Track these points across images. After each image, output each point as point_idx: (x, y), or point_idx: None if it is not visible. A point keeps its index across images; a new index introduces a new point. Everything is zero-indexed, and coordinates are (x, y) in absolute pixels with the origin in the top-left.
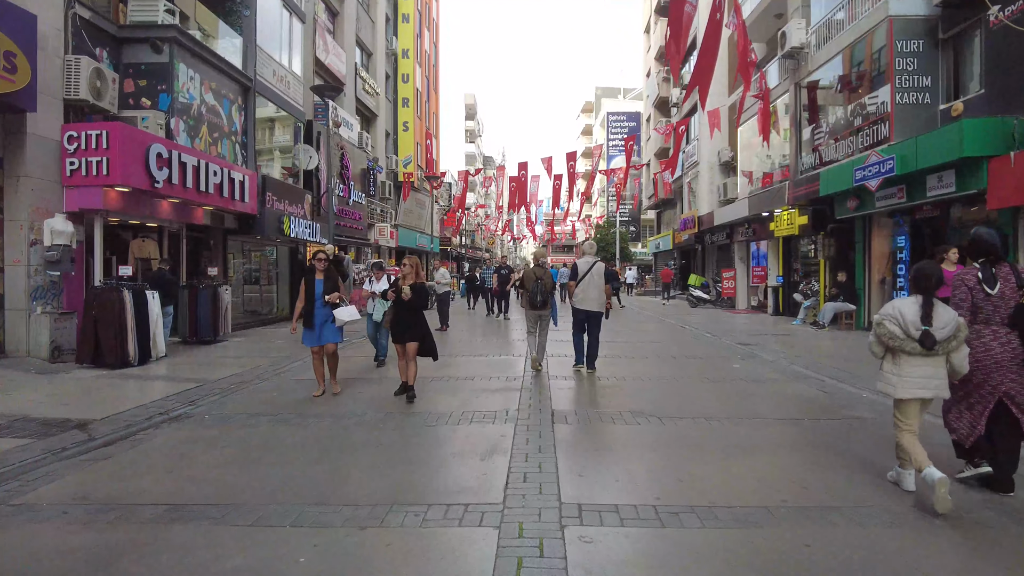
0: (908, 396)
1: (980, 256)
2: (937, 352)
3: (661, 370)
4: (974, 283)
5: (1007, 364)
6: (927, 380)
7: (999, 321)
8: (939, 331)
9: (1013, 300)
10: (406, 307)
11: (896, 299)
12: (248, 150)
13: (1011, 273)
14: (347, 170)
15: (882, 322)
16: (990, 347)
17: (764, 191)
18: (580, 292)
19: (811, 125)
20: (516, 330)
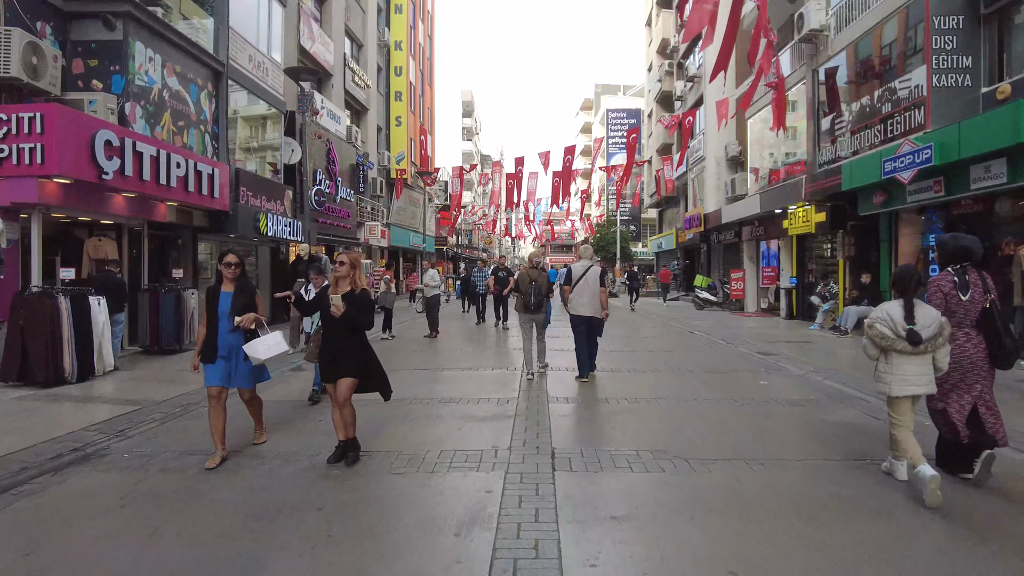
0: (902, 394)
1: (954, 262)
2: (925, 350)
3: (678, 388)
4: (949, 289)
5: (980, 363)
6: (917, 377)
7: (969, 324)
8: (924, 329)
9: (981, 304)
10: (338, 327)
11: (884, 303)
12: (220, 141)
13: (979, 279)
14: (334, 165)
15: (873, 324)
16: (965, 348)
17: (777, 186)
18: (575, 297)
19: (831, 114)
20: (515, 339)
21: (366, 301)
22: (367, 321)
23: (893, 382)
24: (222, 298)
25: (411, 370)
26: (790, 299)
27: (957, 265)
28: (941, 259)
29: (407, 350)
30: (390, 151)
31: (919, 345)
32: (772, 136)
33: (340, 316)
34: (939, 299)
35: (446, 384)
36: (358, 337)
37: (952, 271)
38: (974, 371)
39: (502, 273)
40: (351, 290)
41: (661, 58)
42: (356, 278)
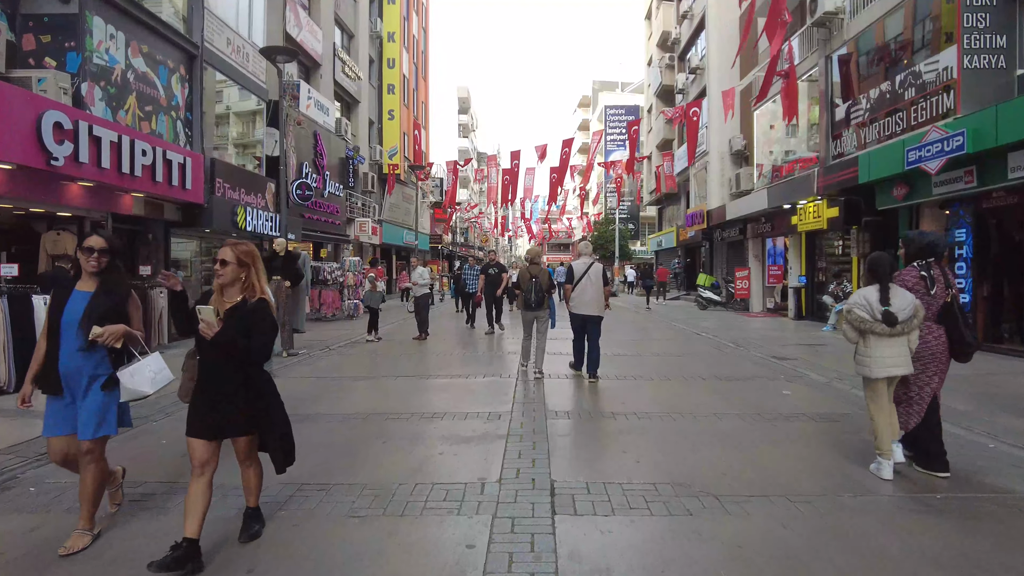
0: (882, 375)
1: (920, 258)
2: (901, 331)
3: (693, 400)
4: (912, 283)
5: (940, 355)
6: (895, 359)
7: (931, 317)
8: (900, 312)
9: (943, 299)
10: (217, 358)
11: (861, 288)
12: (194, 129)
13: (942, 274)
14: (322, 158)
15: (852, 309)
16: (927, 340)
17: (786, 180)
18: (577, 295)
19: (846, 103)
20: (509, 341)
21: (262, 319)
22: (260, 350)
23: (872, 364)
24: (73, 299)
25: (394, 377)
26: (799, 299)
27: (923, 261)
28: (908, 255)
29: (392, 354)
30: (382, 146)
31: (895, 326)
32: (781, 128)
33: (216, 341)
34: None
35: (431, 394)
36: (250, 374)
37: (918, 266)
38: (934, 363)
39: (493, 271)
40: (241, 301)
41: (661, 51)
42: (252, 282)
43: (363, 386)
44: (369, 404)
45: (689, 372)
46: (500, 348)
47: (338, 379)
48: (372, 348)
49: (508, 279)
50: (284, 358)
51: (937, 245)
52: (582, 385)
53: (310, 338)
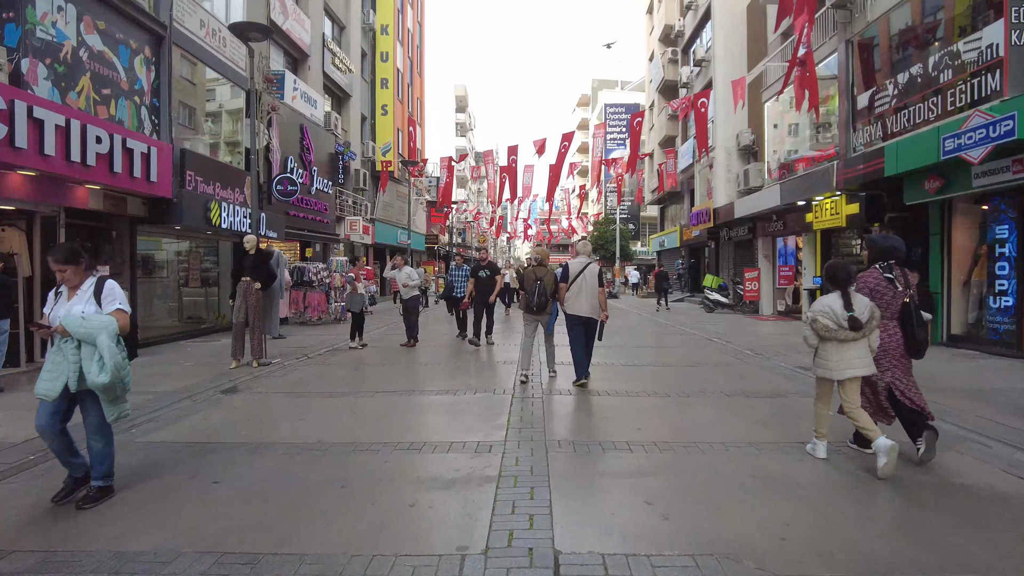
0: (849, 376)
1: (881, 260)
2: (862, 335)
3: (723, 426)
4: (875, 284)
5: (893, 352)
6: (859, 360)
7: (890, 316)
8: (861, 316)
9: (902, 298)
10: None
11: (822, 297)
12: (161, 116)
13: (902, 275)
14: (309, 152)
15: (817, 318)
16: (881, 338)
17: (800, 176)
18: (571, 297)
19: (869, 90)
20: (504, 351)
21: None
22: None
23: (835, 368)
24: None
25: (371, 393)
26: (813, 301)
27: (885, 263)
28: (871, 257)
29: (374, 364)
30: (375, 142)
31: (860, 330)
32: (795, 119)
33: None
34: (866, 293)
35: (411, 416)
36: None
37: (880, 268)
38: (887, 358)
39: (484, 272)
40: None
41: (664, 46)
42: None
43: (334, 405)
44: (336, 429)
45: (710, 387)
46: (495, 358)
47: (308, 395)
48: (355, 356)
49: (502, 281)
50: (254, 368)
51: (898, 249)
52: (588, 404)
53: (290, 344)
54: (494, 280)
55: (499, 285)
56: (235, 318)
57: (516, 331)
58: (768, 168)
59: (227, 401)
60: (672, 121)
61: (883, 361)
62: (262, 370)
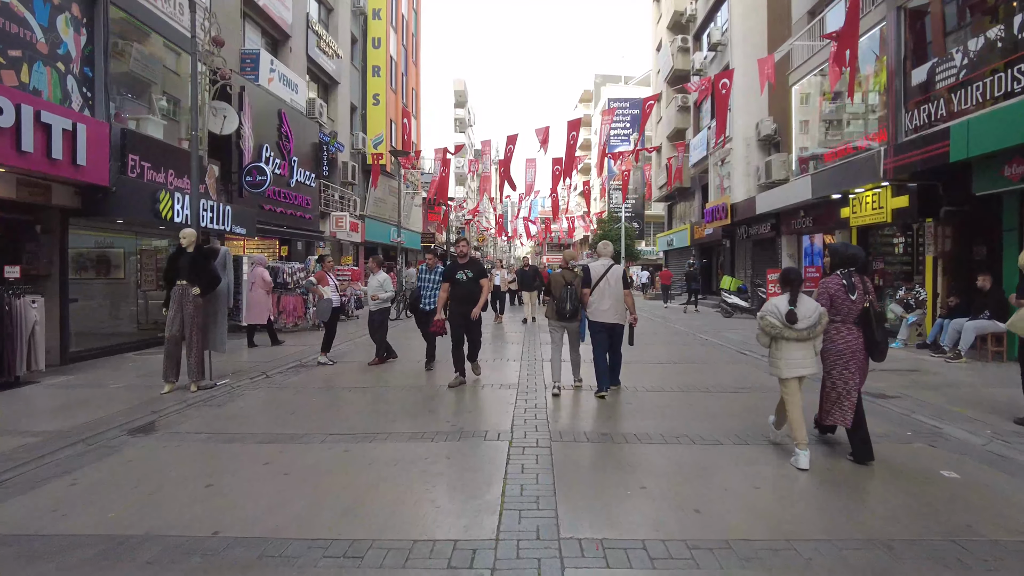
0: (791, 375)
1: (843, 267)
2: (808, 336)
3: (821, 505)
4: (835, 289)
5: (857, 352)
6: (802, 361)
7: (852, 320)
8: (804, 318)
9: (862, 304)
10: None
11: (773, 298)
12: (96, 89)
13: (862, 282)
14: (288, 141)
15: (764, 316)
16: (847, 340)
17: (838, 165)
18: (594, 302)
19: (928, 62)
20: (496, 375)
21: None
22: None
23: (783, 366)
24: None
25: (319, 437)
26: None
27: (845, 270)
28: (832, 264)
29: (337, 388)
30: (367, 134)
31: (795, 324)
32: (829, 102)
33: None
34: (826, 299)
35: (360, 483)
36: None
37: (841, 274)
38: (854, 359)
39: (464, 275)
40: None
41: (673, 34)
42: None
43: (263, 459)
44: (249, 509)
45: (762, 419)
46: (485, 380)
47: (237, 440)
48: (319, 377)
49: (489, 286)
50: (191, 393)
51: (857, 257)
52: (617, 457)
53: (254, 357)
54: (478, 286)
55: (486, 292)
56: (168, 331)
57: (510, 341)
58: (794, 159)
59: (125, 450)
60: (682, 113)
61: (852, 363)
62: (201, 396)
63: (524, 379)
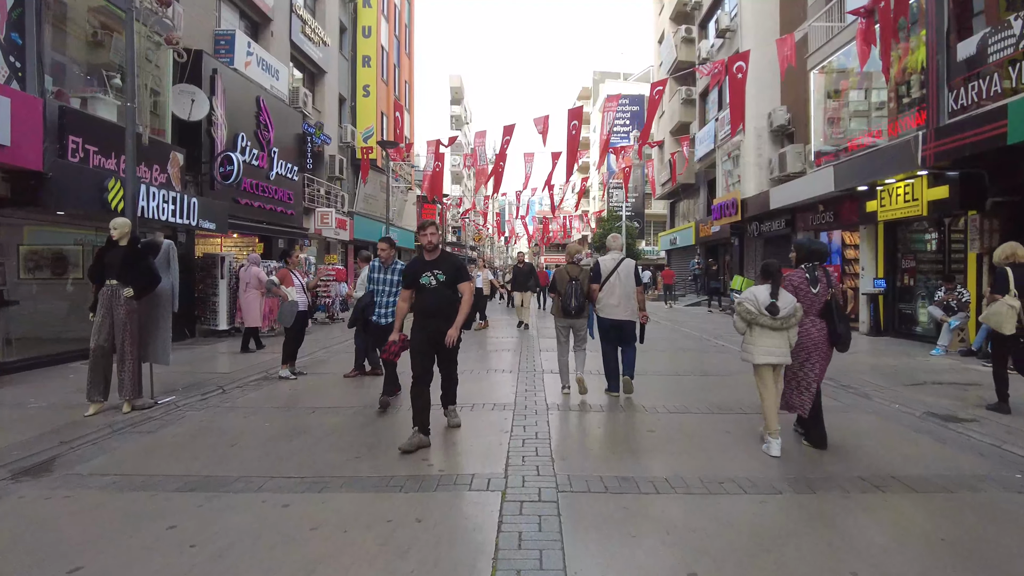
0: (763, 362)
1: (806, 261)
2: (782, 326)
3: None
4: (799, 283)
5: (821, 344)
6: (775, 349)
7: (815, 313)
8: (783, 308)
9: (825, 297)
10: None
11: (752, 287)
12: (27, 59)
13: (825, 276)
14: (268, 130)
15: (742, 302)
16: (810, 332)
17: (866, 154)
18: (604, 297)
19: (982, 32)
20: (481, 390)
21: None
22: None
23: (756, 352)
24: None
25: (252, 486)
26: (875, 308)
27: (809, 264)
28: (798, 259)
29: (295, 408)
30: (356, 127)
31: (777, 316)
32: (852, 87)
33: None
34: (790, 291)
35: (289, 570)
36: None
37: (805, 268)
38: (817, 350)
39: (432, 278)
40: None
41: (676, 25)
42: None
43: (168, 517)
44: None
45: (829, 468)
46: (475, 399)
47: (142, 488)
48: (282, 394)
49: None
50: (123, 415)
51: (821, 252)
52: (652, 519)
53: (212, 369)
54: (455, 294)
55: (467, 303)
56: (93, 340)
57: (502, 348)
58: (812, 149)
59: None
60: (686, 107)
61: (814, 354)
62: (134, 419)
63: (521, 396)
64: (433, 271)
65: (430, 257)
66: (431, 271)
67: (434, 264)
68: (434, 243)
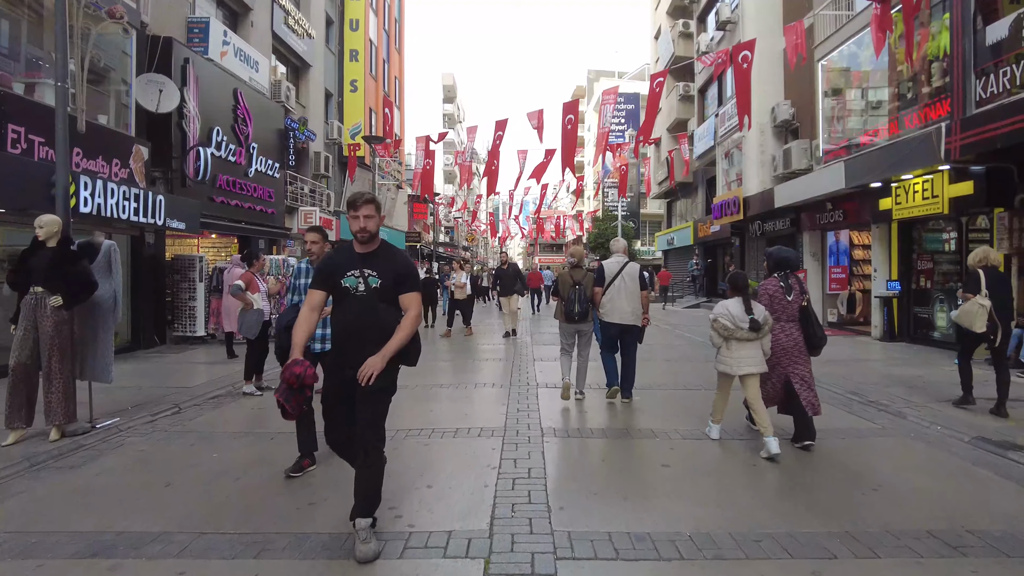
0: (745, 372)
1: (779, 270)
2: (755, 337)
3: None
4: (773, 291)
5: (791, 349)
6: (752, 359)
7: (787, 319)
8: (761, 319)
9: (798, 304)
10: None
11: (723, 301)
12: None
13: (797, 283)
14: (246, 125)
15: (717, 319)
16: (779, 338)
17: (881, 148)
18: (608, 301)
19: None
20: (469, 435)
21: None
22: None
23: (734, 364)
24: None
25: (172, 549)
26: (889, 313)
27: (781, 272)
28: (769, 267)
29: (253, 433)
30: (343, 123)
31: (760, 331)
32: (864, 77)
33: None
34: (766, 300)
35: None
36: None
37: (777, 277)
38: (786, 356)
39: (362, 281)
40: None
41: (673, 19)
42: None
43: None
44: None
45: (887, 516)
46: (455, 423)
47: (25, 555)
48: (243, 414)
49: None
50: (52, 443)
51: (791, 260)
52: None
53: (172, 383)
54: (394, 311)
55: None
56: (14, 357)
57: (489, 358)
58: (820, 145)
59: None
60: (684, 103)
61: (783, 359)
62: (62, 447)
63: (512, 417)
64: (364, 270)
65: (364, 248)
66: (359, 270)
67: (366, 260)
68: (368, 231)
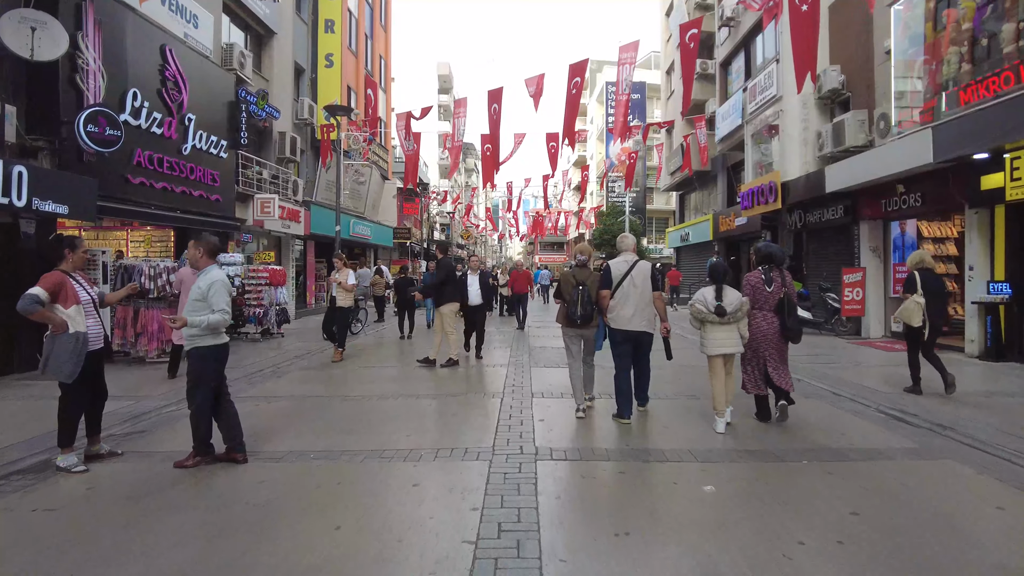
0: (715, 353)
1: (763, 263)
2: (729, 321)
3: None
4: (755, 282)
5: (770, 336)
6: (725, 341)
7: (768, 308)
8: (728, 306)
9: (778, 295)
10: None
11: (701, 289)
12: None
13: (779, 276)
14: (180, 92)
15: (694, 304)
16: (760, 326)
17: (985, 108)
18: (616, 306)
19: None
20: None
21: None
22: None
23: (709, 345)
24: None
25: None
26: (995, 323)
27: (766, 266)
28: (756, 261)
29: (137, 514)
30: (316, 102)
31: (724, 316)
32: (964, 18)
33: None
34: (749, 290)
35: None
36: None
37: (761, 270)
38: (765, 342)
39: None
40: None
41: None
42: None
43: None
44: None
45: None
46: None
47: None
48: (39, 520)
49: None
50: None
51: (774, 255)
52: None
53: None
54: None
55: None
56: None
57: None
58: (893, 109)
59: None
60: (701, 83)
61: (763, 344)
62: None
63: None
64: None
65: None
66: None
67: None
68: None
